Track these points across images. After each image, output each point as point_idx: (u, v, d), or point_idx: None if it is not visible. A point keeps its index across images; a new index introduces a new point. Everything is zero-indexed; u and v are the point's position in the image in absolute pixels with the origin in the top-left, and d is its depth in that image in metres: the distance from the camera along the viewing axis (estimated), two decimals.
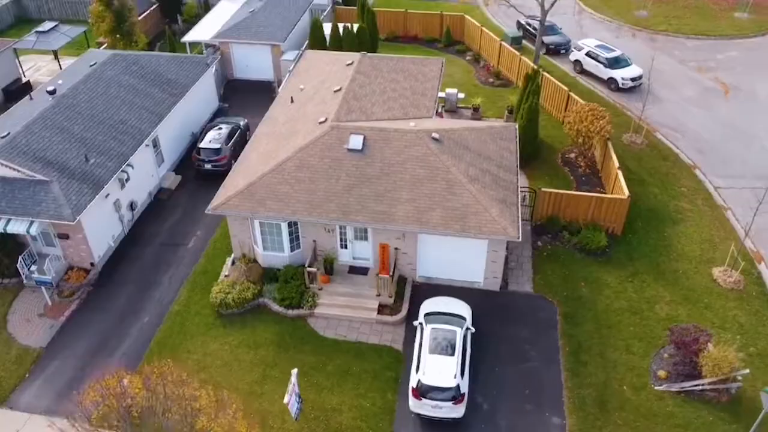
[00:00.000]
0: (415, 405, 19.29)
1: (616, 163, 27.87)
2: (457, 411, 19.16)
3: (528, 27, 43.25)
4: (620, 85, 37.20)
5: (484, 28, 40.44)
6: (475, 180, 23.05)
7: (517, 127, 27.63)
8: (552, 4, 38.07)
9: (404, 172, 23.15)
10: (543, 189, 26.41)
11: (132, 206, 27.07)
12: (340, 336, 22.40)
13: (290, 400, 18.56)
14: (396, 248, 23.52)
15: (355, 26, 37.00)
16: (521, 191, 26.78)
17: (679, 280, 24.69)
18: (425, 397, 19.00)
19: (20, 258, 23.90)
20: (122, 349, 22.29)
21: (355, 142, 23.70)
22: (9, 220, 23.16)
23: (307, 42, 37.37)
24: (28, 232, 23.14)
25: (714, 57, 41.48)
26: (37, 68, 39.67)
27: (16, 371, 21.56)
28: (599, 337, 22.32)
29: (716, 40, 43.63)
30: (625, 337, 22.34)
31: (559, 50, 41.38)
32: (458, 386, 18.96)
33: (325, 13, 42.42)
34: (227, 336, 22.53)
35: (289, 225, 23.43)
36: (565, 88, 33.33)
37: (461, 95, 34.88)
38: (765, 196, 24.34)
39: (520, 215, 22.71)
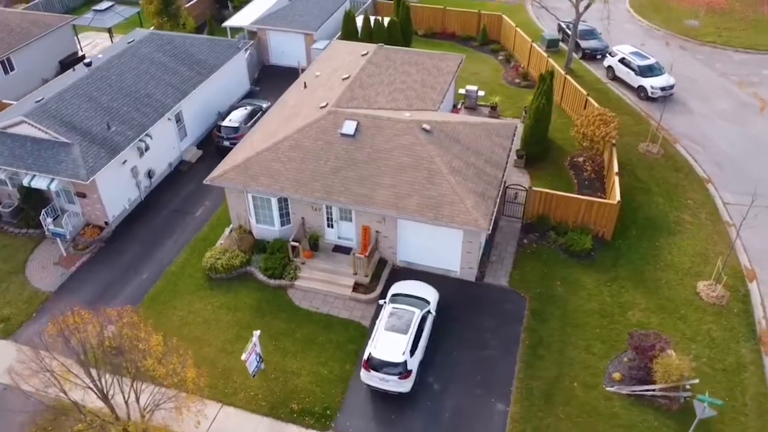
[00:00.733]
0: (365, 376, 20.41)
1: (616, 169, 27.86)
2: (403, 386, 20.14)
3: (567, 30, 43.07)
4: (649, 94, 36.68)
5: (518, 29, 40.66)
6: (457, 172, 23.83)
7: (517, 125, 28.05)
8: (586, 8, 37.97)
9: (390, 159, 24.22)
10: (534, 188, 26.78)
11: (150, 174, 29.38)
12: (314, 308, 23.78)
13: (249, 358, 20.13)
14: (377, 231, 24.63)
15: (386, 19, 38.12)
16: (513, 188, 27.38)
17: (660, 290, 24.60)
18: (374, 370, 20.09)
19: (43, 211, 26.53)
20: (119, 299, 24.49)
21: (348, 127, 24.95)
22: (34, 176, 25.82)
23: (339, 33, 38.81)
24: (48, 187, 25.76)
25: (759, 72, 40.08)
26: (95, 45, 43.11)
27: (26, 310, 24.14)
28: (562, 335, 22.68)
29: (765, 55, 42.05)
30: (588, 338, 22.60)
31: (596, 55, 41.07)
32: (405, 363, 19.93)
33: (364, 6, 43.75)
34: (212, 297, 24.36)
35: (279, 201, 24.98)
36: (584, 92, 33.31)
37: (481, 93, 35.44)
38: (748, 213, 23.87)
39: (495, 209, 23.34)
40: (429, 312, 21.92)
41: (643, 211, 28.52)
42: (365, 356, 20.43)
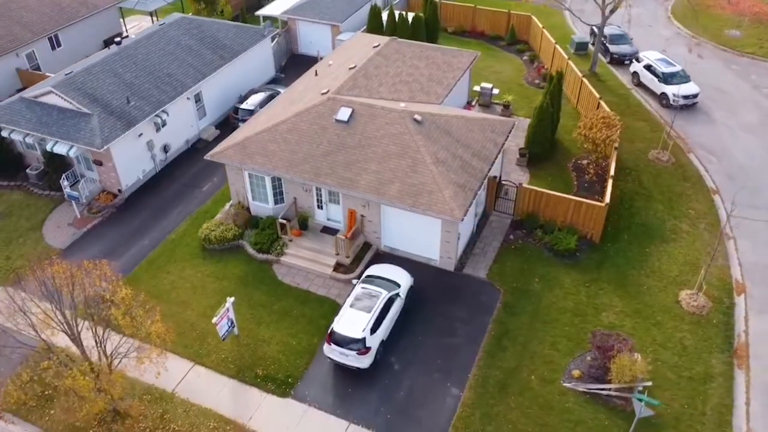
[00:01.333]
0: (328, 350, 21.38)
1: (611, 172, 27.79)
2: (361, 362, 20.99)
3: (596, 33, 42.68)
4: (671, 102, 36.01)
5: (544, 30, 40.62)
6: (442, 162, 24.44)
7: (515, 123, 28.36)
8: (612, 11, 37.70)
9: (378, 146, 25.06)
10: (524, 185, 27.06)
11: (165, 149, 31.23)
12: (294, 283, 24.92)
13: (220, 322, 21.48)
14: (362, 215, 25.53)
15: (411, 15, 38.88)
16: (504, 184, 27.72)
17: (640, 295, 24.50)
18: (336, 344, 21.02)
19: (63, 175, 28.71)
20: (121, 260, 26.33)
21: (343, 114, 25.94)
22: (56, 142, 28.01)
23: (365, 27, 39.83)
24: (68, 153, 27.89)
25: None
26: (139, 27, 45.70)
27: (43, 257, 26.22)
28: (529, 330, 22.98)
29: None
30: (555, 335, 22.82)
31: (624, 60, 40.56)
32: (364, 339, 20.78)
33: (396, 2, 44.58)
34: (202, 266, 25.87)
35: (273, 180, 26.23)
36: (597, 95, 33.14)
37: (496, 91, 35.74)
38: (727, 223, 23.53)
39: (475, 201, 23.83)
40: (397, 295, 22.66)
41: (640, 216, 28.30)
42: (329, 331, 21.39)
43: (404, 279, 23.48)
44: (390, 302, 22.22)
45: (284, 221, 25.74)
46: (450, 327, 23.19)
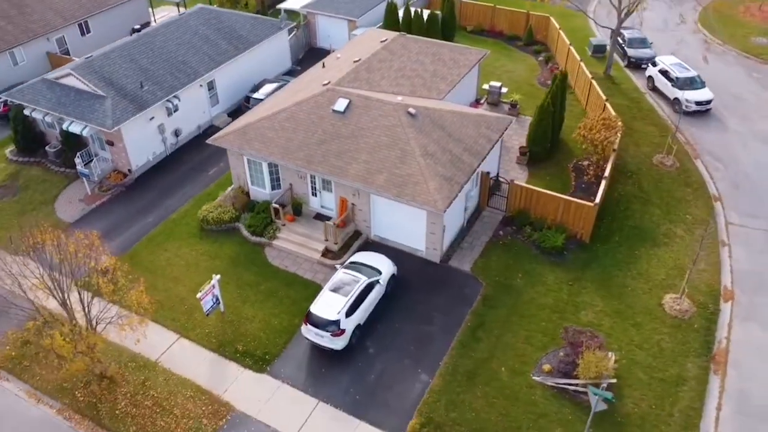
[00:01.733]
0: (305, 330, 22.15)
1: (606, 173, 27.81)
2: (335, 343, 21.70)
3: (619, 38, 42.42)
4: (684, 107, 35.66)
5: (561, 32, 40.57)
6: (430, 155, 24.94)
7: (512, 120, 28.65)
8: (627, 14, 37.46)
9: (370, 137, 25.71)
10: (515, 182, 27.32)
11: (176, 133, 32.52)
12: (283, 266, 25.78)
13: (204, 297, 22.48)
14: (353, 204, 26.22)
15: (426, 12, 39.36)
16: (498, 180, 28.02)
17: (623, 296, 24.53)
18: (312, 325, 21.78)
19: (78, 154, 30.23)
20: (123, 236, 27.68)
21: (340, 104, 26.67)
22: (72, 122, 29.54)
23: (381, 23, 40.49)
24: (82, 133, 29.38)
25: None
26: (169, 17, 47.28)
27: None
28: (506, 323, 23.29)
29: None
30: (531, 330, 23.08)
31: (641, 64, 40.22)
32: (338, 321, 21.47)
33: (414, 0, 45.08)
34: (198, 245, 26.98)
35: (270, 166, 27.14)
36: (603, 97, 33.07)
37: (504, 89, 35.96)
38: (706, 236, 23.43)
39: (465, 195, 24.31)
40: (377, 282, 23.27)
41: (634, 219, 28.23)
42: (306, 312, 22.17)
43: (386, 267, 24.06)
44: (369, 288, 22.84)
45: (277, 206, 26.62)
46: (428, 316, 23.69)
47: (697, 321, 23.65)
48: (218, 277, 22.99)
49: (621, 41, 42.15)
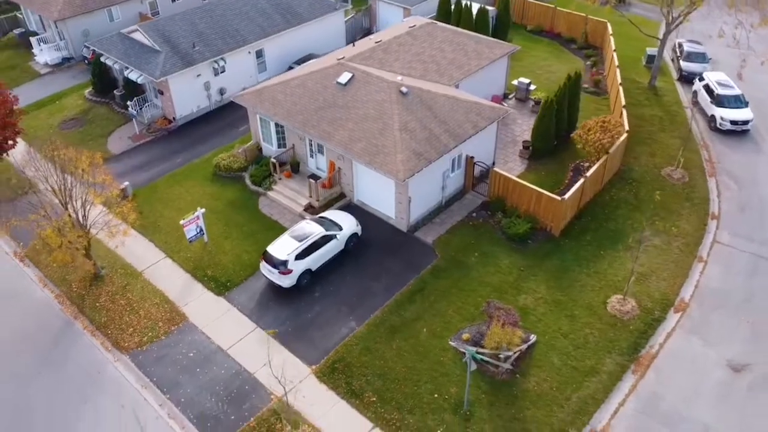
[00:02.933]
0: (262, 267, 25.19)
1: (588, 173, 28.30)
2: (283, 280, 24.54)
3: (677, 50, 41.60)
4: (718, 125, 34.77)
5: (611, 37, 40.44)
6: (409, 131, 26.95)
7: (507, 112, 29.90)
8: (677, 24, 36.81)
9: (360, 109, 28.15)
10: (495, 169, 28.59)
11: (221, 91, 36.68)
12: (269, 214, 28.98)
13: (187, 225, 26.19)
14: (339, 168, 28.85)
15: (476, 6, 40.81)
16: (478, 165, 29.44)
17: (569, 289, 25.26)
18: (266, 262, 24.79)
19: (135, 99, 35.22)
20: (152, 171, 32.17)
21: (344, 77, 29.31)
22: (132, 70, 34.50)
23: (434, 14, 42.44)
24: (137, 79, 34.26)
25: None
26: None
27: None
28: (444, 293, 24.92)
29: None
30: (466, 303, 24.56)
31: (691, 79, 39.25)
32: (287, 262, 24.28)
33: None
34: (207, 186, 30.85)
35: (277, 126, 30.39)
36: (623, 102, 33.16)
37: (533, 87, 36.81)
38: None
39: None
40: (335, 236, 25.76)
41: (615, 223, 28.51)
42: (264, 251, 25.21)
43: (348, 225, 26.48)
44: (325, 240, 25.40)
45: (275, 161, 29.82)
46: (377, 275, 25.85)
47: (635, 324, 23.96)
48: (202, 210, 26.61)
49: (678, 53, 41.21)
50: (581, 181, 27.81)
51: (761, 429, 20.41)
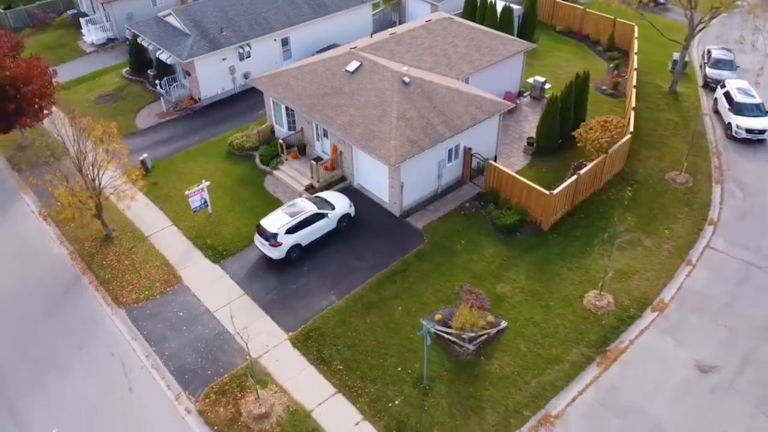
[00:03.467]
0: (255, 238, 26.76)
1: (581, 171, 28.63)
2: (272, 252, 26.04)
3: (705, 55, 41.09)
4: (733, 133, 34.36)
5: (635, 40, 40.28)
6: (406, 119, 27.97)
7: (508, 107, 30.52)
8: (700, 29, 36.46)
9: (363, 96, 29.35)
10: (491, 162, 29.26)
11: (246, 76, 38.56)
12: (272, 192, 30.56)
13: (192, 196, 28.04)
14: (341, 152, 30.15)
15: (500, 4, 41.32)
16: (475, 156, 30.17)
17: (549, 282, 25.76)
18: (259, 234, 26.35)
19: (165, 78, 37.49)
20: (172, 146, 34.28)
21: (352, 65, 30.58)
22: (162, 51, 36.76)
23: (460, 11, 43.17)
24: (166, 60, 36.48)
25: None
26: None
27: (127, 132, 35.10)
28: (425, 275, 25.84)
29: None
30: (444, 286, 25.41)
31: (714, 86, 38.73)
32: (277, 235, 25.75)
33: None
34: (219, 163, 32.71)
35: (287, 109, 31.93)
36: (633, 105, 33.21)
37: (548, 86, 37.15)
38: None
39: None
40: (326, 215, 27.06)
41: (607, 222, 28.65)
42: (257, 224, 26.77)
43: (341, 206, 27.73)
44: (316, 217, 26.75)
45: (282, 142, 31.38)
46: (364, 254, 27.01)
47: (609, 319, 24.31)
48: (207, 183, 28.40)
49: (705, 60, 40.64)
50: (573, 177, 28.17)
51: (712, 431, 20.53)
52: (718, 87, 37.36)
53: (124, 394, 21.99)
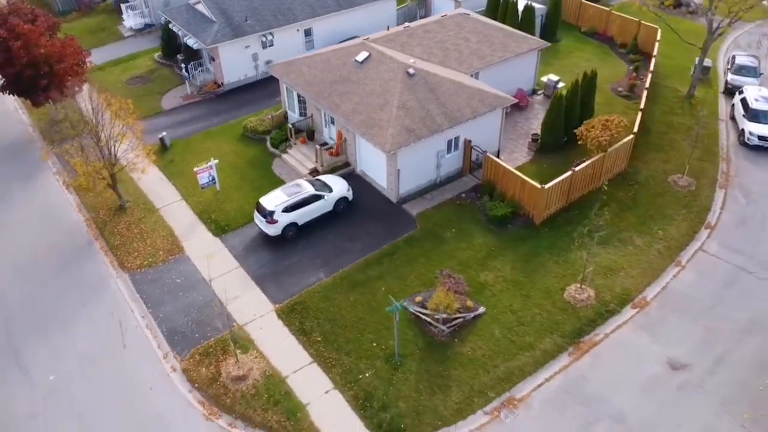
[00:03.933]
0: (255, 215, 28.19)
1: (577, 168, 28.99)
2: (269, 229, 27.40)
3: (730, 61, 40.57)
4: (746, 139, 34.03)
5: (657, 43, 40.09)
6: (406, 109, 28.90)
7: (510, 102, 31.07)
8: (719, 34, 36.14)
9: (368, 85, 30.41)
10: (488, 155, 29.90)
11: (268, 63, 40.13)
12: (278, 173, 31.97)
13: (200, 173, 29.69)
14: (345, 138, 31.31)
15: (522, 4, 41.69)
16: (475, 149, 30.84)
17: (533, 273, 26.29)
18: (258, 211, 27.78)
19: (191, 63, 39.42)
20: (192, 126, 36.11)
21: (361, 56, 31.68)
22: (190, 37, 38.66)
23: (483, 8, 43.73)
24: (193, 46, 38.37)
25: None
26: None
27: (149, 112, 37.19)
28: (411, 259, 26.75)
29: None
30: (429, 270, 26.22)
31: (734, 92, 38.28)
32: (272, 212, 27.10)
33: None
34: (233, 144, 34.33)
35: (298, 95, 33.28)
36: (641, 106, 33.29)
37: (561, 84, 37.41)
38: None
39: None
40: (323, 197, 28.26)
41: (599, 219, 28.94)
42: (256, 201, 28.20)
43: (339, 189, 28.88)
44: (313, 198, 27.98)
45: (291, 126, 32.75)
46: (356, 236, 28.10)
47: (586, 312, 24.73)
48: (216, 161, 30.00)
49: (729, 66, 40.12)
50: (568, 173, 28.57)
51: (670, 427, 20.78)
52: (737, 93, 36.91)
53: (118, 349, 23.70)
